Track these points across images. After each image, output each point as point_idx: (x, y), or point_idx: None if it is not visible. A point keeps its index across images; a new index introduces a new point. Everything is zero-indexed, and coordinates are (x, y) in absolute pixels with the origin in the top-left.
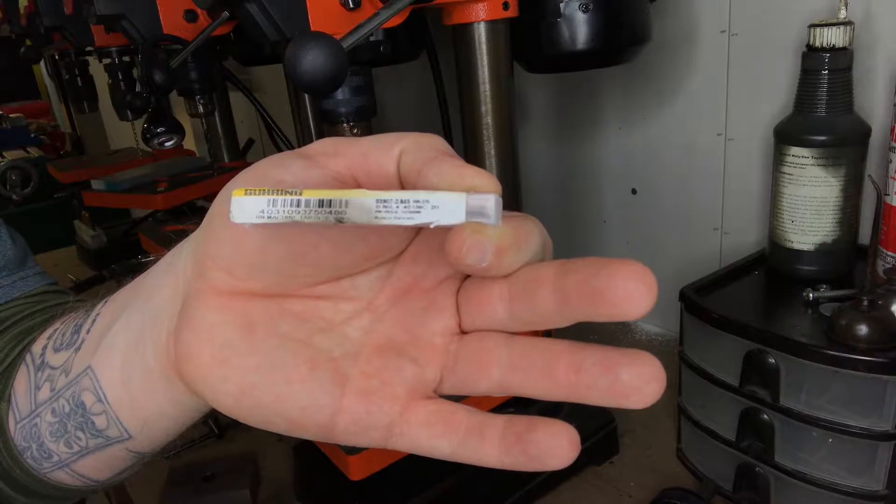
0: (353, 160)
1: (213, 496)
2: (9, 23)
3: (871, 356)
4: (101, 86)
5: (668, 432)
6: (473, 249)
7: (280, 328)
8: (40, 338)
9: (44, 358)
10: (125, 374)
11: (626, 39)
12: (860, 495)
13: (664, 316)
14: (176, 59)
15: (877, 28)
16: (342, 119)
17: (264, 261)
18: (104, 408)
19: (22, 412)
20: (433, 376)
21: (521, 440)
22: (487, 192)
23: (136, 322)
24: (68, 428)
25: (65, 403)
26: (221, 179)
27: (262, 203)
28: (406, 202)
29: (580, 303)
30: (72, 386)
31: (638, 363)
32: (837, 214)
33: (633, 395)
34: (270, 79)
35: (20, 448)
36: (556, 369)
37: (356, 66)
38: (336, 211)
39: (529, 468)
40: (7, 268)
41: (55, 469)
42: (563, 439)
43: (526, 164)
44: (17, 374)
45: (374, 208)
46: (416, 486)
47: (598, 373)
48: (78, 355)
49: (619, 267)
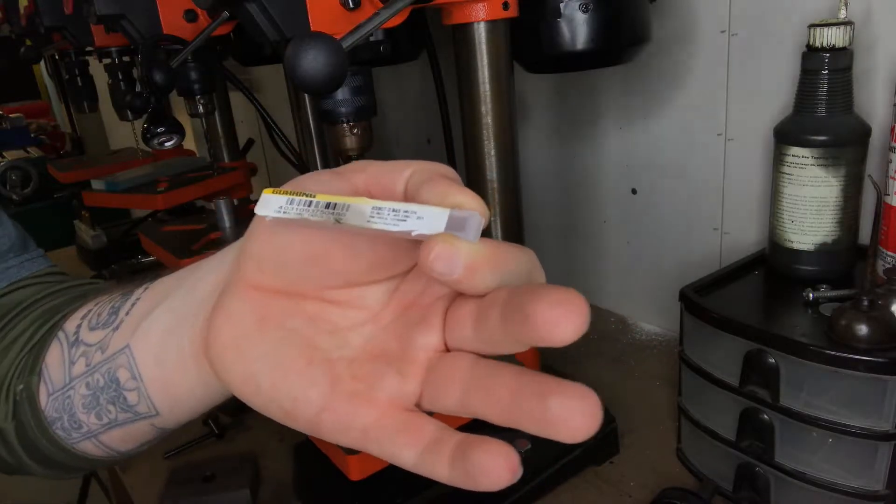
0: (370, 176)
1: (213, 496)
2: (9, 23)
3: (871, 356)
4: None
5: (668, 432)
6: (441, 258)
7: (289, 324)
8: (73, 317)
9: (78, 335)
10: (161, 355)
11: (625, 39)
12: (860, 495)
13: (664, 316)
14: (176, 59)
15: (877, 28)
16: (342, 119)
17: (286, 259)
18: (137, 384)
19: (55, 385)
20: (413, 388)
21: (464, 458)
22: (471, 210)
23: (178, 308)
24: (100, 401)
25: (100, 378)
26: (221, 179)
27: (282, 201)
28: (397, 211)
29: (514, 327)
30: (108, 362)
31: (568, 394)
32: (837, 214)
33: (561, 426)
34: (270, 79)
35: (51, 419)
36: (501, 395)
37: (356, 66)
38: (338, 213)
39: (468, 486)
40: (13, 250)
41: (83, 439)
42: (499, 459)
43: (526, 164)
44: (49, 349)
45: (369, 213)
46: (416, 486)
47: (533, 400)
48: (116, 334)
49: (548, 292)
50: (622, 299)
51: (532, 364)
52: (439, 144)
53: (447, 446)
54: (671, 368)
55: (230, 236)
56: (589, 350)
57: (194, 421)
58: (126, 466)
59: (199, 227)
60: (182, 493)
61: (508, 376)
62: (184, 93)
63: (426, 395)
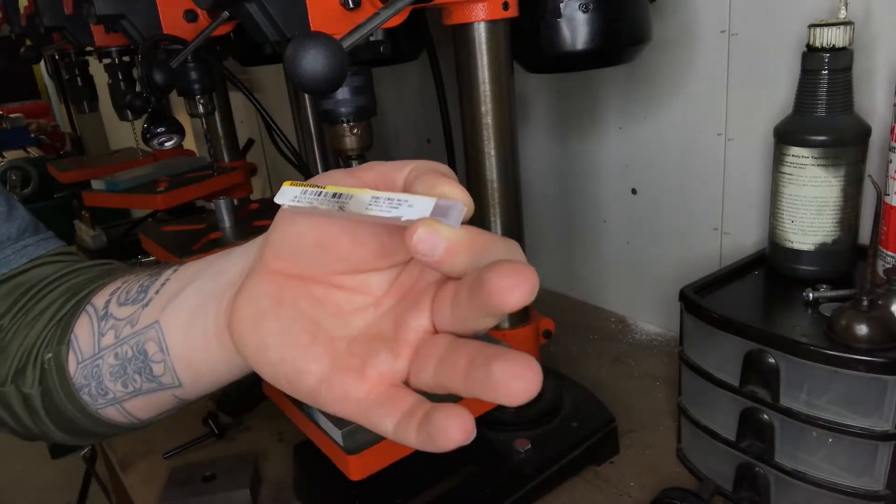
0: (378, 173)
1: (213, 496)
2: (9, 23)
3: (871, 356)
4: (101, 86)
5: (668, 432)
6: (424, 239)
7: (300, 305)
8: (101, 293)
9: (107, 310)
10: (188, 332)
11: (625, 39)
12: (860, 495)
13: (664, 316)
14: (176, 59)
15: (877, 28)
16: (342, 119)
17: (300, 245)
18: (164, 357)
19: (85, 354)
20: (403, 366)
21: (427, 421)
22: (455, 199)
23: (205, 290)
24: (128, 371)
25: (128, 349)
26: (221, 179)
27: (297, 191)
28: (391, 200)
29: (476, 300)
30: (137, 335)
31: (511, 360)
32: (837, 214)
33: (501, 389)
34: (270, 79)
35: (79, 385)
36: (460, 366)
37: (356, 66)
38: (342, 202)
39: (430, 448)
40: (28, 230)
41: (108, 405)
42: (455, 421)
43: (526, 164)
44: (78, 321)
45: (367, 202)
46: (416, 486)
47: (481, 368)
48: (145, 311)
49: (502, 264)
50: (622, 299)
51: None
52: (439, 144)
53: (418, 415)
54: (671, 368)
55: (230, 236)
56: (589, 350)
57: (194, 421)
58: (126, 466)
59: (199, 227)
60: (182, 493)
61: (469, 348)
62: (184, 93)
63: (412, 372)
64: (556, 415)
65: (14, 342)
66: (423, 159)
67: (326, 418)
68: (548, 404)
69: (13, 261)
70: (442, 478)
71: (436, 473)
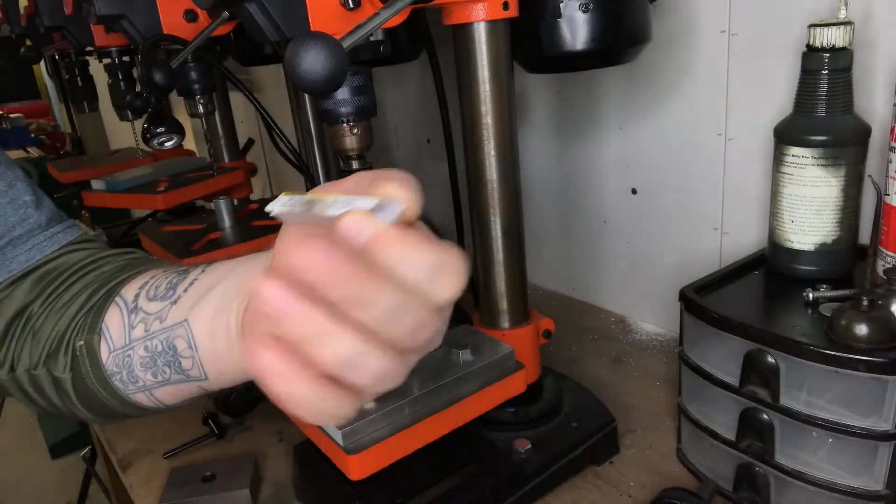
0: (353, 182)
1: (213, 496)
2: (9, 23)
3: (871, 356)
4: (101, 86)
5: (668, 432)
6: (347, 227)
7: None
8: (130, 286)
9: (137, 303)
10: (214, 332)
11: (625, 40)
12: (860, 495)
13: (664, 316)
14: (176, 59)
15: (877, 28)
16: (342, 119)
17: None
18: (192, 354)
19: (116, 344)
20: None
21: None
22: (395, 199)
23: (230, 292)
24: (157, 363)
25: (158, 343)
26: (221, 179)
27: (285, 199)
28: (346, 201)
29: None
30: (166, 331)
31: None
32: (837, 214)
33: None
34: (270, 79)
35: (111, 372)
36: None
37: (356, 66)
38: (310, 206)
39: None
40: (55, 218)
41: (138, 392)
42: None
43: (526, 164)
44: (108, 312)
45: (328, 204)
46: (416, 486)
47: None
48: (174, 308)
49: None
50: (622, 299)
51: (532, 363)
52: (439, 144)
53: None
54: (671, 368)
55: (230, 236)
56: (589, 350)
57: (194, 421)
58: (126, 466)
59: (199, 227)
60: (182, 494)
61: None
62: (184, 93)
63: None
64: (556, 415)
65: (45, 328)
66: (396, 168)
67: None
68: (548, 404)
69: (46, 247)
70: (442, 478)
71: (436, 473)
